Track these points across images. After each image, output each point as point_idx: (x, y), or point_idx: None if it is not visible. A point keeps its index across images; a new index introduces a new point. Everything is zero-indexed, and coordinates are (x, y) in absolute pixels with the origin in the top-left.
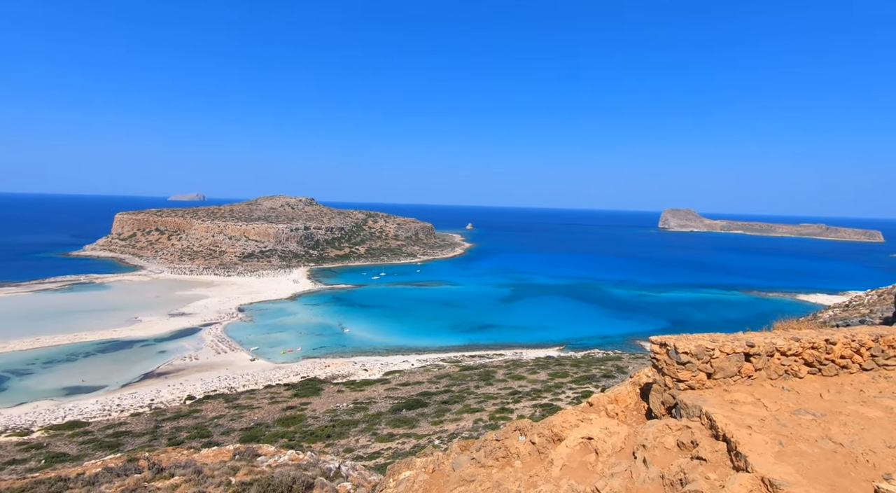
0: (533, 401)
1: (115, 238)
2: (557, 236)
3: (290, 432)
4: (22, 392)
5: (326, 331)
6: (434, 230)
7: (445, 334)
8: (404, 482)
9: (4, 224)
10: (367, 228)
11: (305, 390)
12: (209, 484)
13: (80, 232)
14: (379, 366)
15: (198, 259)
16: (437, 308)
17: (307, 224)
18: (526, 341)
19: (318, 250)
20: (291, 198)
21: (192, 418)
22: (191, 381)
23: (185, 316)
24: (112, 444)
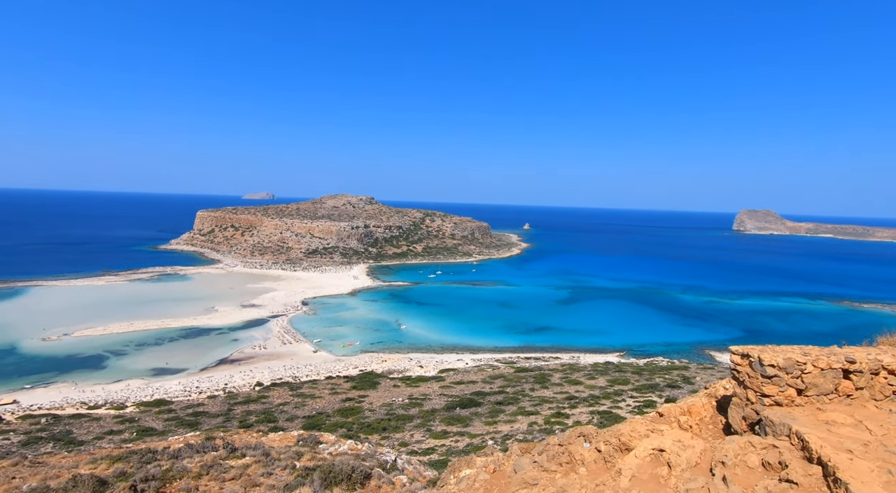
0: (590, 407)
1: (196, 234)
2: (619, 238)
3: (348, 422)
4: (118, 371)
5: (384, 327)
6: (490, 230)
7: (500, 335)
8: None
9: (105, 220)
10: (424, 226)
11: (363, 384)
12: (276, 466)
13: (166, 228)
14: (434, 363)
15: (267, 254)
16: (492, 308)
17: (367, 222)
18: (584, 345)
19: (376, 247)
20: (353, 197)
21: (260, 403)
22: (259, 368)
23: (256, 308)
24: (191, 422)
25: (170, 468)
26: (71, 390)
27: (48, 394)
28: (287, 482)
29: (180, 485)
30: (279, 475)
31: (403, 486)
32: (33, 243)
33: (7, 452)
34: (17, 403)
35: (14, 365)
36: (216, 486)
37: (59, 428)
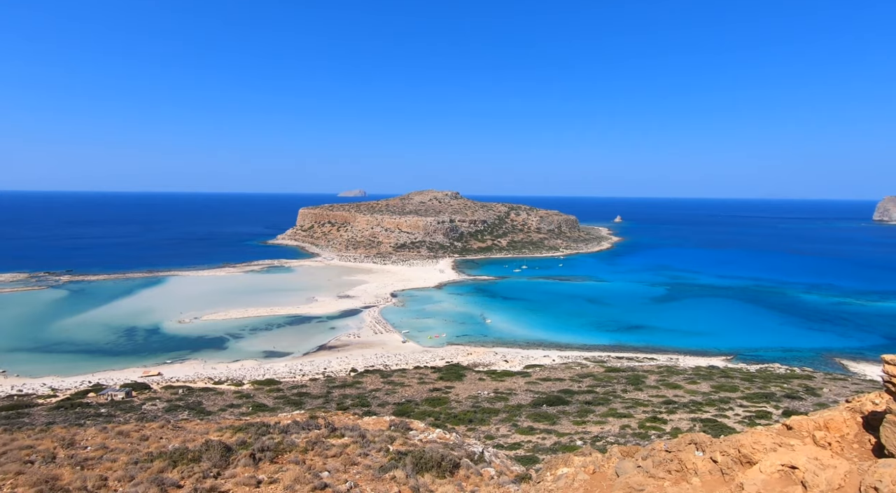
0: (691, 414)
1: (299, 229)
2: (727, 231)
3: (435, 411)
4: (236, 352)
5: (469, 320)
6: (578, 223)
7: (589, 332)
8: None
9: (223, 218)
10: (509, 220)
11: (449, 375)
12: (372, 448)
13: (272, 224)
14: (519, 358)
15: (360, 248)
16: (580, 304)
17: (452, 217)
18: (683, 347)
19: (462, 241)
20: (439, 192)
21: (355, 388)
22: (354, 356)
23: (350, 298)
24: (296, 401)
25: (281, 442)
26: (200, 366)
27: (183, 369)
28: (382, 464)
29: (290, 457)
30: (374, 456)
31: (491, 478)
32: (168, 239)
33: (155, 416)
34: (160, 375)
35: (158, 343)
36: (320, 461)
37: (192, 399)
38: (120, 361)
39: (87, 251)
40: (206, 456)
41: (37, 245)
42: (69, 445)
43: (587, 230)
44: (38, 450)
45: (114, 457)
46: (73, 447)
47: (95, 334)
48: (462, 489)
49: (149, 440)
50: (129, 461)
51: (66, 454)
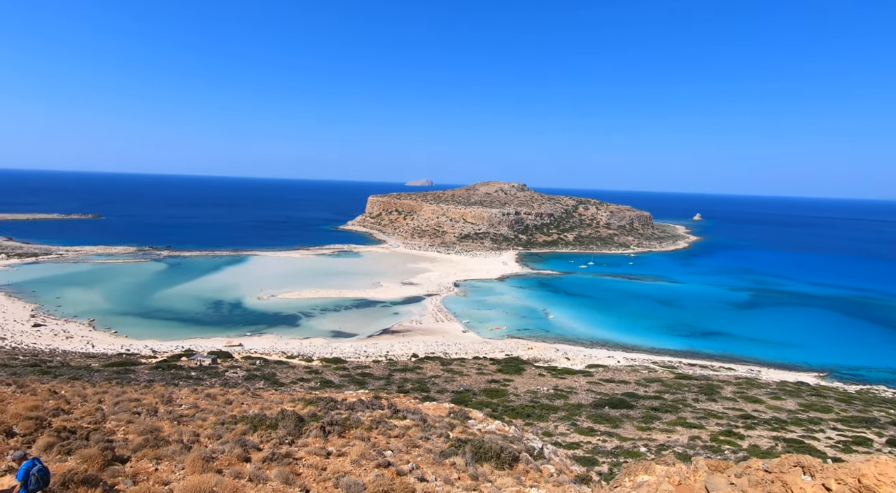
0: (773, 432)
1: (367, 217)
2: (822, 233)
3: (493, 403)
4: (307, 330)
5: (531, 314)
6: (652, 220)
7: (658, 335)
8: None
9: (298, 203)
10: (576, 215)
11: (508, 368)
12: (432, 433)
13: (341, 210)
14: (581, 357)
15: (425, 237)
16: (649, 305)
17: (518, 209)
18: (767, 359)
19: (526, 234)
20: (505, 184)
21: (415, 372)
22: (415, 341)
23: (413, 286)
24: (360, 381)
25: (348, 418)
26: (276, 340)
27: (261, 342)
28: (442, 449)
29: (356, 433)
30: (435, 441)
31: (551, 476)
32: (250, 221)
33: (236, 383)
34: (241, 346)
35: (240, 316)
36: (383, 440)
37: (267, 370)
38: (207, 330)
39: (182, 230)
40: (282, 424)
41: (143, 222)
42: (167, 401)
43: (662, 228)
44: (144, 404)
45: (204, 416)
46: (170, 404)
47: (188, 305)
48: (521, 482)
49: (232, 404)
50: (217, 422)
51: (165, 409)
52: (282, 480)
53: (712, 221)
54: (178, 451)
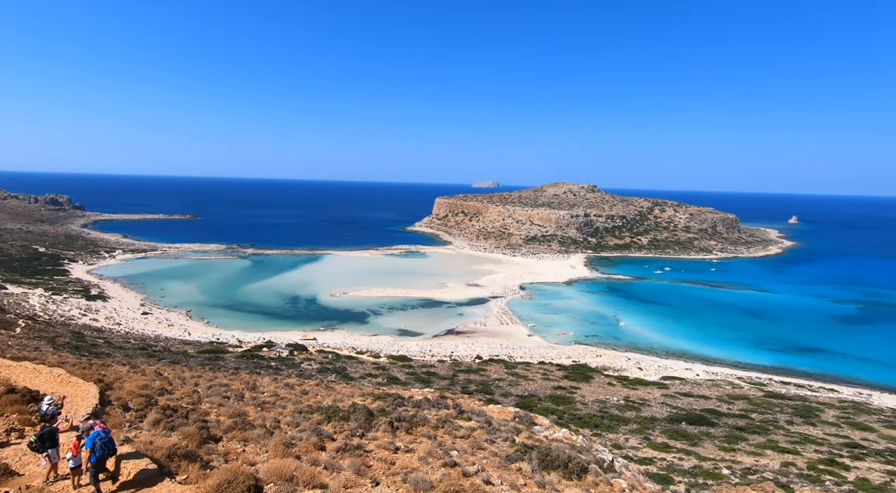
0: (888, 465)
1: (434, 218)
2: None
3: (559, 410)
4: (375, 327)
5: (600, 320)
6: (739, 223)
7: (745, 349)
8: None
9: (367, 205)
10: (651, 217)
11: (576, 375)
12: (497, 436)
13: (409, 212)
14: (656, 368)
15: (490, 239)
16: (734, 316)
17: (587, 211)
18: (879, 381)
19: (596, 237)
20: (574, 185)
21: (479, 374)
22: (479, 343)
23: (478, 287)
24: (425, 379)
25: (415, 415)
26: (346, 336)
27: (333, 337)
28: (508, 454)
29: (422, 431)
30: (500, 444)
31: (623, 491)
32: (323, 221)
33: (310, 374)
34: (315, 339)
35: (315, 311)
36: (449, 440)
37: (338, 364)
38: (285, 323)
39: (264, 229)
40: (354, 417)
41: (231, 222)
42: (252, 388)
43: (750, 232)
44: (232, 389)
45: (283, 404)
46: (254, 391)
47: (269, 299)
48: None
49: (308, 394)
50: (295, 410)
51: (249, 395)
52: (354, 470)
53: (811, 225)
54: (262, 435)
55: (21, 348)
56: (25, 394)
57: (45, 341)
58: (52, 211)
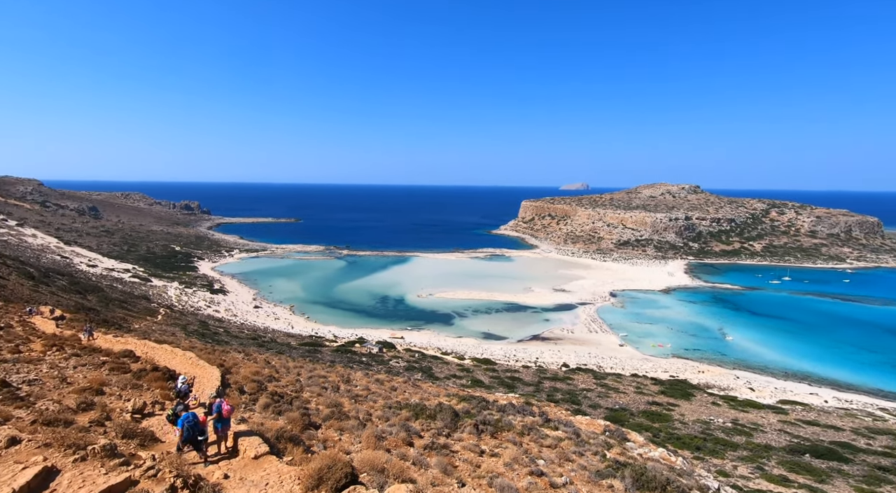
0: None
1: (520, 221)
2: None
3: (654, 427)
4: (460, 329)
5: (702, 333)
6: (881, 227)
7: (890, 375)
8: None
9: (453, 208)
10: (767, 220)
11: (674, 391)
12: (587, 449)
13: (494, 215)
14: (772, 390)
15: (578, 243)
16: (875, 335)
17: (689, 214)
18: None
19: (699, 242)
20: (673, 186)
21: (565, 383)
22: (566, 350)
23: (565, 293)
24: (509, 384)
25: (499, 420)
26: (431, 337)
27: (419, 336)
28: (598, 469)
29: (508, 436)
30: (589, 458)
31: None
32: (410, 225)
33: (398, 372)
34: (402, 338)
35: (402, 311)
36: (535, 448)
37: (424, 363)
38: (375, 322)
39: (357, 232)
40: (440, 417)
41: (329, 225)
42: (346, 381)
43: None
44: (329, 380)
45: (374, 398)
46: (348, 384)
47: (361, 298)
48: None
49: (396, 390)
50: (385, 405)
51: (344, 387)
52: (440, 469)
53: None
54: (355, 426)
55: (161, 333)
56: (165, 372)
57: (178, 327)
58: (185, 215)
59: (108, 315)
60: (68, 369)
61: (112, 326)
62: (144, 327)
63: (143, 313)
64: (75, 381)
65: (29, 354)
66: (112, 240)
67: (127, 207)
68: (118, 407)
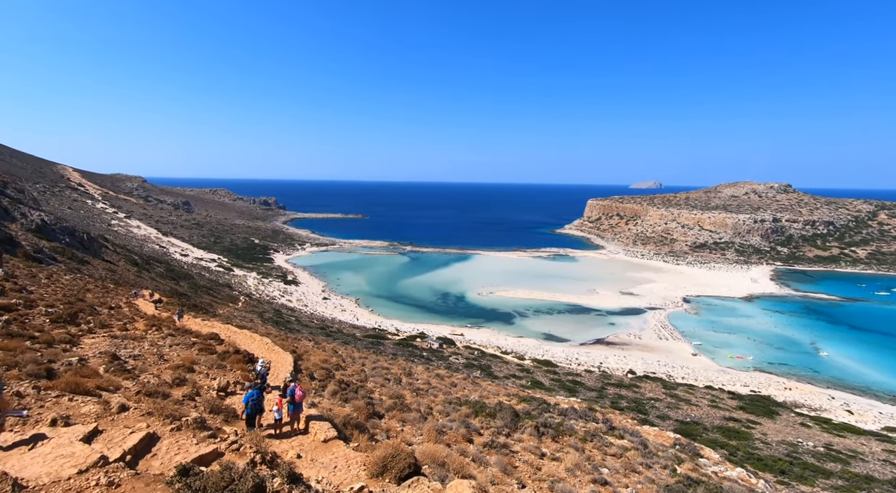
0: None
1: (585, 221)
2: None
3: (730, 445)
4: (520, 329)
5: (791, 346)
6: None
7: None
8: None
9: (517, 207)
10: (875, 223)
11: (755, 407)
12: (655, 461)
13: (558, 214)
14: (875, 414)
15: (649, 244)
16: None
17: (777, 215)
18: None
19: (789, 246)
20: (759, 184)
21: (631, 390)
22: (632, 357)
23: (633, 296)
24: (571, 388)
25: (561, 424)
26: (491, 335)
27: (479, 334)
28: (668, 483)
29: (569, 441)
30: (658, 471)
31: None
32: (472, 222)
33: (457, 368)
34: (462, 335)
35: (463, 308)
36: (599, 456)
37: (483, 361)
38: (436, 318)
39: (419, 229)
40: (500, 416)
41: (393, 222)
42: (408, 374)
43: None
44: (392, 373)
45: (435, 393)
46: (410, 377)
47: (422, 294)
48: None
49: (456, 387)
50: (445, 400)
51: (406, 380)
52: (500, 468)
53: None
54: (417, 418)
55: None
56: (245, 355)
57: (256, 314)
58: (263, 210)
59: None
60: (165, 347)
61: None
62: (227, 313)
63: (226, 300)
64: (171, 358)
65: (133, 332)
66: (201, 232)
67: (214, 202)
68: (206, 384)
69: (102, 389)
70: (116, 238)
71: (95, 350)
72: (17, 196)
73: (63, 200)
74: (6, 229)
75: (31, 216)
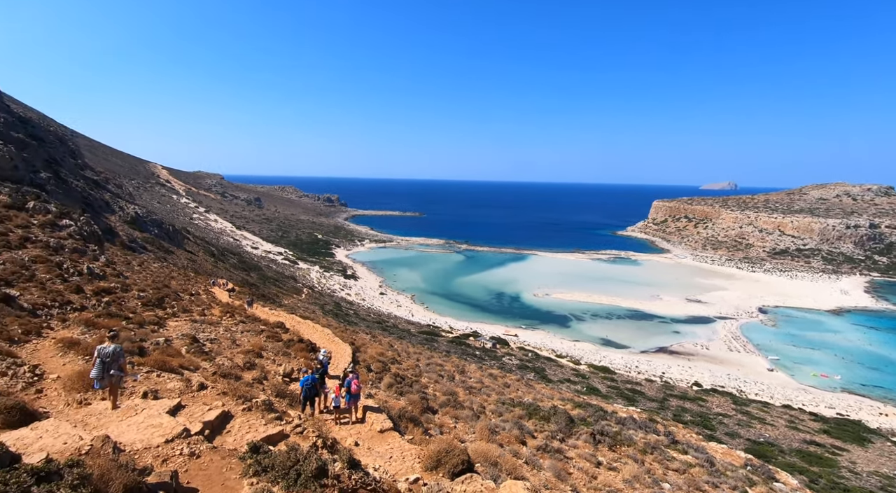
0: None
1: (650, 223)
2: None
3: (810, 471)
4: (577, 332)
5: (888, 367)
6: None
7: None
8: None
9: (576, 208)
10: None
11: (841, 432)
12: (723, 481)
13: (620, 215)
14: None
15: (720, 249)
16: None
17: (875, 221)
18: None
19: (888, 256)
20: (854, 186)
21: (696, 404)
22: (698, 368)
23: (701, 304)
24: (629, 397)
25: (619, 432)
26: (546, 337)
27: (533, 336)
28: None
29: (627, 451)
30: (726, 492)
31: None
32: (529, 222)
33: (510, 369)
34: (516, 336)
35: (518, 309)
36: (660, 469)
37: (537, 363)
38: (490, 317)
39: (475, 228)
40: (554, 420)
41: (449, 220)
42: (461, 372)
43: None
44: (445, 369)
45: (488, 392)
46: (463, 375)
47: (477, 293)
48: None
49: (509, 387)
50: (498, 400)
51: (459, 378)
52: (553, 473)
53: None
54: (470, 416)
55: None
56: (308, 344)
57: (317, 306)
58: (327, 207)
59: (265, 291)
60: (237, 333)
61: (267, 300)
62: (291, 304)
63: (291, 291)
64: (242, 343)
65: (210, 317)
66: (270, 227)
67: (282, 198)
68: (272, 370)
69: (184, 368)
70: (197, 231)
71: (178, 332)
72: (116, 191)
73: (153, 195)
74: (106, 221)
75: (128, 209)
